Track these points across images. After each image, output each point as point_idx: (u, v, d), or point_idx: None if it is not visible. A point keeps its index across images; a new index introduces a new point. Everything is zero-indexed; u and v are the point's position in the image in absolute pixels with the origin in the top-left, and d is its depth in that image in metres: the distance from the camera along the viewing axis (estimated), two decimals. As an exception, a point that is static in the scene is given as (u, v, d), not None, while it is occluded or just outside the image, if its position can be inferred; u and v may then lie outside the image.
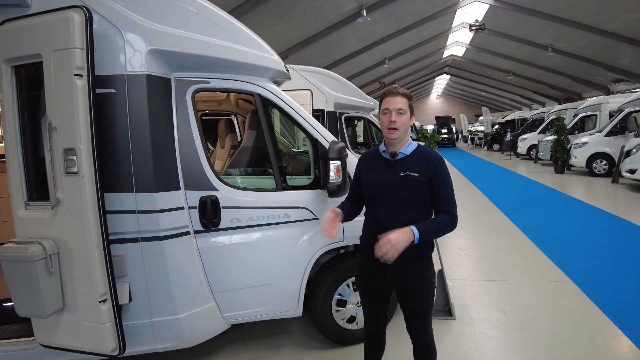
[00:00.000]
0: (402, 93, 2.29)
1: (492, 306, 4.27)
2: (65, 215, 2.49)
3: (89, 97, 2.41)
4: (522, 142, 21.32)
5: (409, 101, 2.30)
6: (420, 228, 2.16)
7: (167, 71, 2.83)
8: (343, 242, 3.27)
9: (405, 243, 2.11)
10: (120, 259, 2.67)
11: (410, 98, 2.32)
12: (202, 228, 2.93)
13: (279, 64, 3.18)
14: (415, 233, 2.13)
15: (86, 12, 2.42)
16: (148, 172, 2.67)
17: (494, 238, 6.84)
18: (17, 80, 2.62)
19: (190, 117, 2.92)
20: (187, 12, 2.80)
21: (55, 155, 2.45)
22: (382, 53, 25.50)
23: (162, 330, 2.84)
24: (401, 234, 2.11)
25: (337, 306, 3.43)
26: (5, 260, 2.49)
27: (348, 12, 17.26)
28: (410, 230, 2.13)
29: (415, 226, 2.15)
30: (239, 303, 3.11)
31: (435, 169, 2.28)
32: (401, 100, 2.27)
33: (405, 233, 2.12)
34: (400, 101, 2.27)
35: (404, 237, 2.11)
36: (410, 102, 2.31)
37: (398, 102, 2.27)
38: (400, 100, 2.27)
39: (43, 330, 2.68)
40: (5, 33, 2.54)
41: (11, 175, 2.63)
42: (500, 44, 26.63)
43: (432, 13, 21.37)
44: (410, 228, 2.13)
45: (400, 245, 2.09)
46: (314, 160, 3.25)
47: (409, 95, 2.32)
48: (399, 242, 2.09)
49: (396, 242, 2.09)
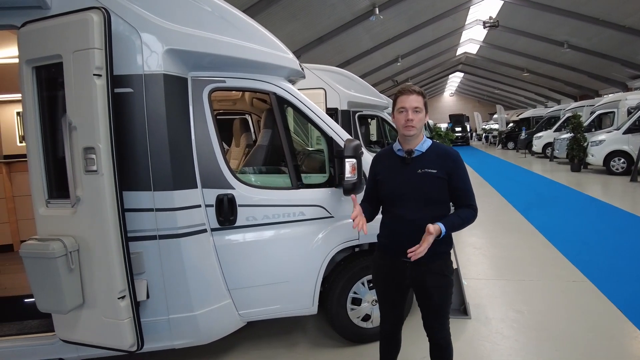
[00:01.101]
0: (417, 91, 2.31)
1: (508, 305, 4.23)
2: (85, 213, 2.53)
3: (107, 96, 2.44)
4: (537, 140, 21.02)
5: (424, 99, 2.33)
6: (446, 223, 2.22)
7: (183, 71, 2.86)
8: (358, 241, 3.27)
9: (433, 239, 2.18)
10: (138, 256, 2.70)
11: (424, 96, 2.35)
12: (218, 226, 2.96)
13: (294, 62, 3.19)
14: (442, 228, 2.19)
15: (104, 13, 2.45)
16: (166, 171, 2.71)
17: (509, 237, 6.77)
18: (38, 81, 2.67)
19: (207, 116, 2.95)
20: (203, 11, 2.83)
21: (75, 154, 2.49)
22: (395, 51, 25.35)
23: (179, 327, 2.88)
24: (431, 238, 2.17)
25: (352, 304, 3.44)
26: (27, 257, 2.54)
27: (361, 10, 17.19)
28: (437, 229, 2.18)
29: (441, 222, 2.20)
30: (255, 300, 3.13)
31: (453, 165, 2.31)
32: (416, 99, 2.29)
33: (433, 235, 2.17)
34: (416, 99, 2.29)
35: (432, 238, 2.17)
36: (425, 100, 2.34)
37: (414, 100, 2.28)
38: (416, 98, 2.29)
39: (63, 325, 2.73)
40: (27, 35, 2.59)
41: (32, 174, 2.68)
42: (514, 41, 26.28)
43: (446, 10, 21.15)
44: (437, 226, 2.18)
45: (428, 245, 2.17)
46: (329, 159, 3.26)
47: (423, 93, 2.34)
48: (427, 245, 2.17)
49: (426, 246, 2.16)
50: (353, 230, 3.22)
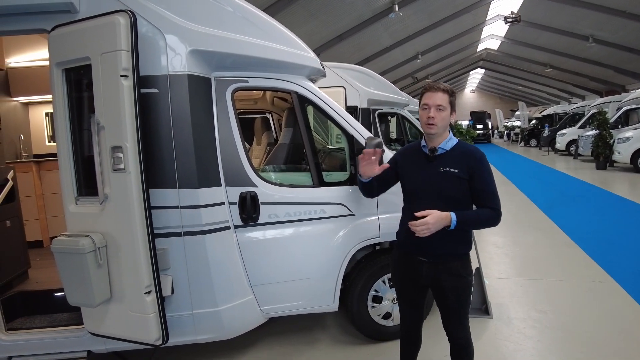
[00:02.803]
0: (443, 89, 2.27)
1: (530, 305, 4.17)
2: (112, 210, 2.60)
3: (134, 97, 2.51)
4: (560, 137, 20.57)
5: (450, 97, 2.28)
6: (458, 214, 2.19)
7: (207, 71, 2.91)
8: (379, 239, 3.28)
9: (439, 225, 2.16)
10: (163, 253, 2.76)
11: (451, 94, 2.29)
12: (241, 223, 3.01)
13: (315, 61, 3.21)
14: (452, 218, 2.17)
15: (131, 16, 2.51)
16: (190, 169, 2.77)
17: (531, 236, 6.68)
18: (68, 83, 2.76)
19: (230, 116, 3.00)
20: (226, 12, 2.87)
21: (103, 153, 2.56)
22: (414, 48, 25.14)
23: (203, 322, 2.93)
24: (438, 216, 2.15)
25: (372, 302, 3.45)
26: (57, 252, 2.62)
27: (380, 7, 17.11)
28: (448, 215, 2.17)
29: (454, 212, 2.19)
30: (276, 297, 3.17)
31: (476, 165, 2.27)
32: (441, 96, 2.25)
33: (443, 215, 2.16)
34: (440, 97, 2.25)
35: (440, 219, 2.16)
36: (452, 99, 2.29)
37: (438, 97, 2.25)
38: (441, 96, 2.25)
39: (92, 319, 2.81)
40: (57, 38, 2.68)
41: (62, 172, 2.77)
42: (537, 36, 25.74)
43: (466, 6, 20.86)
44: (448, 213, 2.17)
45: (433, 226, 2.14)
46: (349, 157, 3.27)
47: (450, 91, 2.29)
48: (434, 222, 2.14)
49: (432, 222, 2.14)
50: (374, 228, 3.24)
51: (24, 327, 3.15)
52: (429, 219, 2.14)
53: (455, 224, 2.18)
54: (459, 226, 2.19)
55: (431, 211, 2.16)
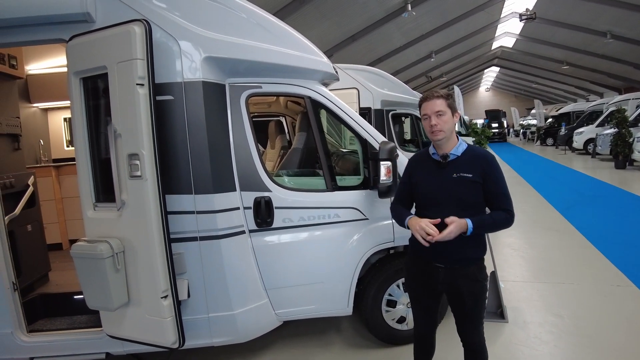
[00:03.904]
0: (438, 95, 2.31)
1: (547, 309, 4.12)
2: (130, 216, 2.65)
3: (150, 104, 2.55)
4: (578, 136, 20.19)
5: (447, 101, 2.31)
6: (475, 220, 2.21)
7: (221, 77, 2.94)
8: (393, 243, 3.28)
9: (458, 232, 2.17)
10: (180, 257, 2.81)
11: (447, 98, 2.32)
12: (256, 227, 3.04)
13: (328, 66, 3.23)
14: (469, 225, 2.18)
15: (146, 25, 2.55)
16: (206, 175, 2.80)
17: (548, 238, 6.57)
18: (85, 91, 2.81)
19: (244, 121, 3.03)
20: (239, 19, 2.90)
21: (120, 160, 2.61)
22: (428, 47, 24.97)
23: (218, 325, 2.97)
24: (458, 223, 2.16)
25: (387, 306, 3.45)
26: (77, 257, 2.69)
27: (393, 7, 17.04)
28: (465, 222, 2.18)
29: (470, 218, 2.20)
30: (291, 300, 3.19)
31: (488, 168, 2.28)
32: (438, 102, 2.28)
33: (462, 222, 2.18)
34: (437, 103, 2.28)
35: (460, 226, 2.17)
36: (449, 102, 2.32)
37: (435, 104, 2.29)
38: (438, 102, 2.29)
39: (110, 322, 2.87)
40: (74, 48, 2.74)
41: (81, 179, 2.83)
42: (552, 33, 25.35)
43: (480, 4, 20.68)
44: (465, 220, 2.18)
45: (454, 233, 2.16)
46: (363, 161, 3.28)
47: (445, 95, 2.32)
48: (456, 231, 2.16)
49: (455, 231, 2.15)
50: (387, 233, 3.24)
51: (44, 328, 3.23)
52: (452, 227, 2.15)
53: (472, 230, 2.19)
54: (475, 232, 2.20)
55: (453, 218, 2.16)
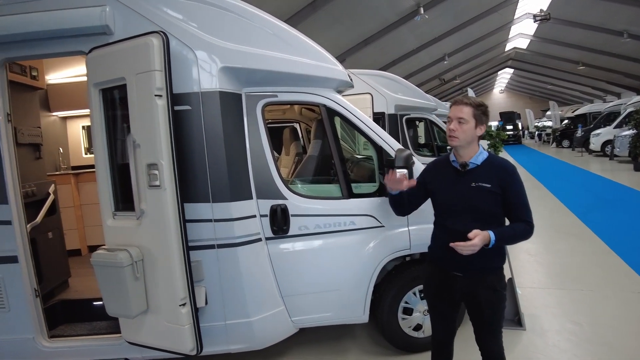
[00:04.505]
0: (467, 102, 2.29)
1: (565, 317, 4.05)
2: (149, 225, 2.69)
3: (168, 115, 2.59)
4: (595, 137, 19.88)
5: (475, 110, 2.28)
6: (497, 232, 2.19)
7: (238, 87, 2.98)
8: (409, 250, 3.27)
9: (480, 245, 2.15)
10: (197, 265, 2.84)
11: (477, 107, 2.29)
12: (272, 235, 3.06)
13: (343, 74, 3.24)
14: (491, 236, 2.16)
15: (164, 37, 2.60)
16: (223, 183, 2.84)
17: (565, 243, 6.49)
18: (105, 102, 2.88)
19: (261, 130, 3.06)
20: (255, 29, 2.93)
21: (139, 169, 2.66)
22: (441, 50, 24.84)
23: (235, 332, 2.99)
24: (482, 236, 2.14)
25: (403, 314, 3.43)
26: (97, 265, 2.74)
27: (405, 10, 17.00)
28: (487, 234, 2.16)
29: (491, 230, 2.18)
30: (307, 307, 3.20)
31: (508, 179, 2.26)
32: (465, 110, 2.27)
33: (485, 235, 2.16)
34: (463, 110, 2.27)
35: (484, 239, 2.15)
36: (477, 112, 2.28)
37: (460, 111, 2.28)
38: (464, 109, 2.27)
39: (129, 328, 2.92)
40: (94, 60, 2.80)
41: (100, 188, 2.88)
42: (567, 33, 25.00)
43: (493, 6, 20.51)
44: (487, 232, 2.16)
45: (477, 247, 2.14)
46: (378, 168, 3.28)
47: (475, 105, 2.29)
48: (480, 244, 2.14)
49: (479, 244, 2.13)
50: (404, 240, 3.23)
51: (65, 334, 3.29)
52: (477, 241, 2.13)
53: (494, 243, 2.17)
54: (497, 244, 2.19)
55: (477, 232, 2.14)
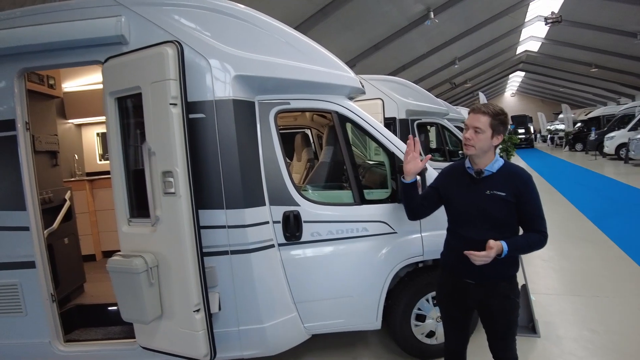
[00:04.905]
0: (485, 111, 2.25)
1: (581, 324, 4.00)
2: (164, 232, 2.72)
3: (183, 123, 2.63)
4: (609, 140, 19.61)
5: (492, 120, 2.24)
6: (510, 242, 2.17)
7: (251, 95, 3.01)
8: (422, 257, 3.26)
9: (494, 255, 2.13)
10: (211, 271, 2.86)
11: (494, 117, 2.25)
12: (285, 241, 3.07)
13: (354, 80, 3.25)
14: (504, 247, 2.15)
15: (178, 46, 2.64)
16: (237, 190, 2.86)
17: (580, 248, 6.40)
18: (120, 110, 2.92)
19: (273, 137, 3.08)
20: (268, 37, 2.96)
21: (155, 177, 2.69)
22: (451, 53, 24.74)
23: (248, 338, 3.01)
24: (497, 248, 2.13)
25: (416, 320, 3.42)
26: (113, 272, 2.77)
27: (415, 15, 16.98)
28: (500, 244, 2.14)
29: (504, 241, 2.16)
30: (320, 314, 3.20)
31: (523, 188, 2.24)
32: (482, 119, 2.25)
33: (499, 246, 2.14)
34: (480, 119, 2.25)
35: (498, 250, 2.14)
36: (494, 122, 2.25)
37: (477, 120, 2.26)
38: (481, 118, 2.25)
39: (143, 334, 2.95)
40: (110, 69, 2.85)
41: (116, 195, 2.92)
42: (579, 35, 24.74)
43: (504, 9, 20.39)
44: (500, 242, 2.15)
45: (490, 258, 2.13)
46: (390, 174, 3.28)
47: (493, 114, 2.25)
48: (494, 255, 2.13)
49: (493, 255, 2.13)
50: (417, 246, 3.22)
51: (80, 338, 3.34)
52: (492, 252, 2.12)
53: (506, 253, 2.16)
54: (510, 254, 2.17)
55: (492, 243, 2.13)
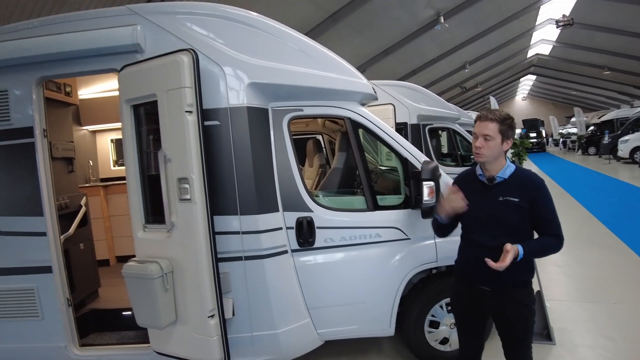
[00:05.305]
0: (492, 118, 2.26)
1: (597, 331, 3.93)
2: (179, 238, 2.75)
3: (198, 131, 2.66)
4: (623, 144, 19.35)
5: (501, 126, 2.25)
6: (525, 247, 2.16)
7: (264, 102, 3.03)
8: (436, 263, 3.24)
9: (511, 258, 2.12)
10: (225, 276, 2.88)
11: (502, 122, 2.26)
12: (298, 247, 3.08)
13: (367, 87, 3.26)
14: (520, 252, 2.13)
15: (193, 54, 2.67)
16: (251, 196, 2.88)
17: (595, 254, 6.31)
18: (136, 117, 2.96)
19: (287, 144, 3.10)
20: (282, 45, 2.98)
21: (170, 183, 2.72)
22: (462, 58, 24.69)
23: (262, 344, 3.01)
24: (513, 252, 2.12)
25: (429, 327, 3.40)
26: (128, 277, 2.80)
27: (425, 20, 17.00)
28: (517, 247, 2.14)
29: (520, 244, 2.15)
30: (333, 320, 3.20)
31: (536, 193, 2.23)
32: (490, 126, 2.25)
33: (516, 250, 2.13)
34: (488, 127, 2.25)
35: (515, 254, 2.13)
36: (502, 127, 2.25)
37: (485, 127, 2.26)
38: (489, 125, 2.25)
39: (158, 339, 2.97)
40: (126, 77, 2.90)
41: (131, 201, 2.96)
42: (591, 38, 24.52)
43: (514, 12, 20.33)
44: (516, 246, 2.14)
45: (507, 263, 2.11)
46: (403, 180, 3.28)
47: (500, 119, 2.25)
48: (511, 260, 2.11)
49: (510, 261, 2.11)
50: (430, 252, 3.21)
51: (95, 343, 3.37)
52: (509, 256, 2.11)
53: (522, 256, 2.15)
54: (525, 257, 2.17)
55: (509, 246, 2.12)
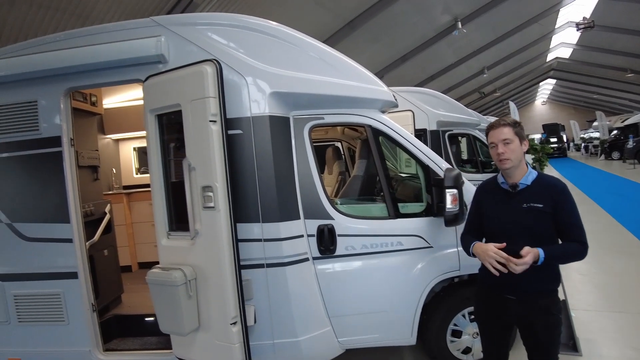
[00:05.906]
0: (504, 123, 2.30)
1: (625, 342, 3.83)
2: (202, 245, 2.78)
3: (222, 140, 2.70)
4: (648, 148, 18.93)
5: (514, 129, 2.29)
6: (546, 250, 2.14)
7: (286, 111, 3.06)
8: (459, 271, 3.21)
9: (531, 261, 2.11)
10: (247, 284, 2.90)
11: (515, 125, 2.30)
12: (319, 255, 3.08)
13: (387, 94, 3.26)
14: (540, 255, 2.12)
15: (217, 65, 2.72)
16: (273, 204, 2.91)
17: (621, 262, 6.16)
18: (160, 127, 3.02)
19: (308, 152, 3.12)
20: (303, 54, 3.01)
21: (194, 192, 2.76)
22: (480, 63, 24.50)
23: (283, 352, 3.01)
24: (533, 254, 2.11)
25: (452, 336, 3.36)
26: (152, 284, 2.85)
27: (443, 25, 16.95)
28: (537, 250, 2.12)
29: (541, 248, 2.13)
30: (354, 328, 3.18)
31: (559, 198, 2.22)
32: (505, 130, 2.27)
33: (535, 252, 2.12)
34: (504, 131, 2.27)
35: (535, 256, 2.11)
36: (517, 129, 2.30)
37: (502, 132, 2.28)
38: (505, 130, 2.28)
39: (180, 345, 3.00)
40: (150, 87, 2.96)
41: (156, 209, 3.01)
42: (613, 40, 24.05)
43: (532, 16, 20.12)
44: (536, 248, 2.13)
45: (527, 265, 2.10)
46: (425, 187, 3.26)
47: (512, 123, 2.30)
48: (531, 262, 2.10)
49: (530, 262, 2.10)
50: (453, 261, 3.18)
51: (118, 348, 3.42)
52: (529, 259, 2.09)
53: (542, 260, 2.12)
54: (546, 262, 2.13)
55: (528, 249, 2.11)
